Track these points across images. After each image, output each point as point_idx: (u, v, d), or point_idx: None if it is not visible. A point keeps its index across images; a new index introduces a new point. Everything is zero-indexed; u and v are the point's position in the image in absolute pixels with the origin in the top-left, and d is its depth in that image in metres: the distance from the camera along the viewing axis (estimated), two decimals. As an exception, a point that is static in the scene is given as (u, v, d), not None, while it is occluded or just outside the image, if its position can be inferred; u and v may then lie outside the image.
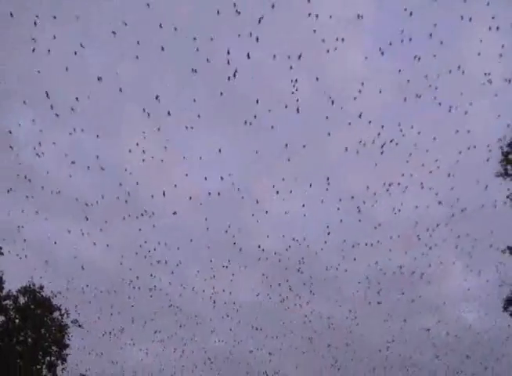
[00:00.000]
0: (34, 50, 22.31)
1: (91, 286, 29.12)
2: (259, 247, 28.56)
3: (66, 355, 29.40)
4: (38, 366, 28.94)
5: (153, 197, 26.80)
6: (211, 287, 29.88)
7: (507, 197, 25.85)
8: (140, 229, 28.31)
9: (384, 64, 29.32)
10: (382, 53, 23.34)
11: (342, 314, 31.14)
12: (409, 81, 24.49)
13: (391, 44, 22.99)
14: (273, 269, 29.79)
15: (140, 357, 31.88)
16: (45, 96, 22.80)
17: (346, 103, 25.53)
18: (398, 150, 26.24)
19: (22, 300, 29.42)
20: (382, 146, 25.68)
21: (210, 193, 27.56)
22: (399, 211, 27.25)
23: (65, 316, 29.67)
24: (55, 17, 22.05)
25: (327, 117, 25.39)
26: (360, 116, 25.12)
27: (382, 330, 31.87)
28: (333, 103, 24.47)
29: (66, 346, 29.46)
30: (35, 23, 21.71)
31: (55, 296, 29.68)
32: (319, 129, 29.51)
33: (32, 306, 29.27)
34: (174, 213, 27.38)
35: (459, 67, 23.45)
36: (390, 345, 31.44)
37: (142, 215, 28.66)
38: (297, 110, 24.65)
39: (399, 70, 24.77)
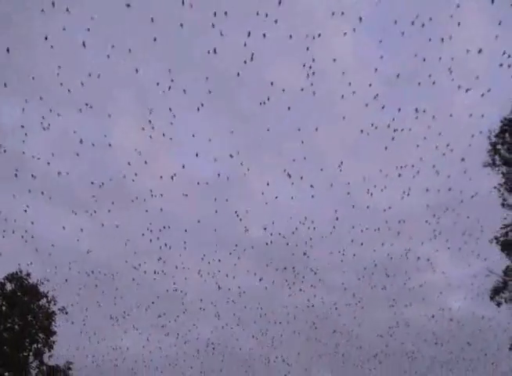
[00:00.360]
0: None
1: (78, 272, 28.99)
2: (265, 229, 28.29)
3: (53, 342, 29.33)
4: (25, 354, 28.86)
5: (144, 183, 26.67)
6: (206, 273, 29.79)
7: (494, 187, 26.13)
8: (130, 216, 28.24)
9: (401, 46, 29.04)
10: (402, 33, 22.87)
11: (328, 304, 31.31)
12: (424, 59, 24.03)
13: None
14: (277, 254, 29.81)
15: (127, 345, 31.88)
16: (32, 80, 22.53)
17: (361, 85, 25.38)
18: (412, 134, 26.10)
19: (9, 287, 29.35)
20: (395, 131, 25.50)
21: (219, 175, 27.13)
22: (408, 195, 27.15)
23: (52, 303, 29.65)
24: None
25: (343, 97, 25.20)
26: (376, 97, 24.74)
27: (366, 319, 32.16)
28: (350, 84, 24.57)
29: (53, 333, 29.36)
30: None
31: (42, 283, 29.66)
32: (332, 112, 29.50)
33: (19, 293, 29.18)
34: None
35: (480, 51, 22.92)
36: (391, 331, 31.54)
37: (132, 201, 28.67)
38: (314, 93, 24.50)
39: (415, 55, 24.46)
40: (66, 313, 29.50)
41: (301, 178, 26.81)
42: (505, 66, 22.84)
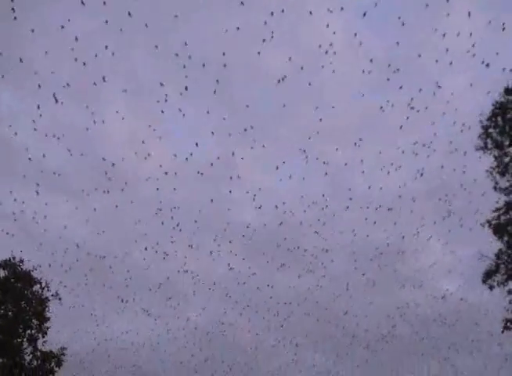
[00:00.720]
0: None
1: (72, 260, 29.05)
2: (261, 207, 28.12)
3: (47, 328, 29.36)
4: (19, 340, 28.88)
5: (132, 170, 26.65)
6: (193, 261, 29.90)
7: (486, 170, 26.14)
8: (119, 203, 28.22)
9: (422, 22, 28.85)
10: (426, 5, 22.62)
11: (317, 288, 31.37)
12: (444, 35, 23.90)
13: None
14: (262, 241, 29.89)
15: (121, 331, 31.98)
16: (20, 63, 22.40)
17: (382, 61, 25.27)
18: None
19: (2, 273, 29.32)
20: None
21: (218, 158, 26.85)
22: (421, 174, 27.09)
23: (45, 289, 29.66)
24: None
25: (363, 71, 25.09)
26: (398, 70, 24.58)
27: (366, 303, 32.23)
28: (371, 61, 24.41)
29: (47, 319, 29.40)
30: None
31: (36, 270, 29.65)
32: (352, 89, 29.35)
33: (12, 280, 29.17)
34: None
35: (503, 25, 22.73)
36: (374, 318, 31.76)
37: (122, 190, 28.66)
38: (333, 71, 24.40)
39: (435, 29, 24.29)
40: (60, 299, 29.60)
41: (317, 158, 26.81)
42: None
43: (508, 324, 25.84)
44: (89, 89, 26.50)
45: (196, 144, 26.75)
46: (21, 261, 29.63)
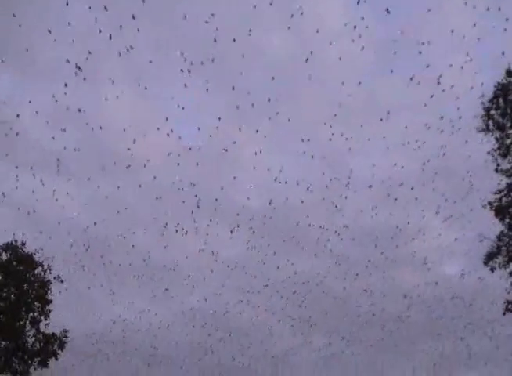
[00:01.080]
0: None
1: (73, 242, 29.10)
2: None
3: (49, 311, 29.54)
4: (21, 322, 29.07)
5: (130, 149, 26.57)
6: (193, 243, 29.93)
7: (488, 152, 26.13)
8: (124, 185, 28.26)
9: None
10: None
11: (324, 270, 31.44)
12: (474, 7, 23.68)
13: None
14: (261, 224, 29.86)
15: (122, 313, 32.08)
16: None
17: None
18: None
19: (4, 256, 29.46)
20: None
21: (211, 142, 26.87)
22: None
23: (47, 271, 29.77)
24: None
25: (395, 41, 25.09)
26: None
27: (363, 285, 32.28)
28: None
29: (49, 302, 29.58)
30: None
31: (38, 252, 29.76)
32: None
33: (14, 262, 29.31)
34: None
35: None
36: (371, 300, 31.83)
37: (124, 173, 28.72)
38: (362, 47, 24.29)
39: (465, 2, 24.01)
40: (62, 282, 29.73)
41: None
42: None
43: (509, 306, 25.92)
44: (92, 71, 26.42)
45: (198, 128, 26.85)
46: (23, 244, 29.80)
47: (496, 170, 25.68)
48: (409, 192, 28.32)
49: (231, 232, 29.50)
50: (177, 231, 28.59)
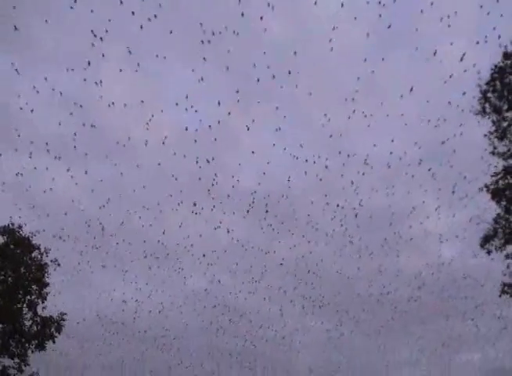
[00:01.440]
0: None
1: (70, 225, 29.10)
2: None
3: (46, 293, 29.52)
4: (19, 305, 29.04)
5: (129, 135, 26.58)
6: (190, 227, 29.92)
7: (484, 135, 26.15)
8: (121, 168, 28.21)
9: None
10: None
11: (322, 253, 31.46)
12: None
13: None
14: (256, 208, 29.87)
15: (120, 297, 32.11)
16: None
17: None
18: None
19: (1, 239, 29.36)
20: None
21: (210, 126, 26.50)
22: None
23: (44, 255, 29.74)
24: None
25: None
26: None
27: (362, 268, 32.32)
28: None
29: (46, 285, 29.56)
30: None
31: (35, 235, 29.70)
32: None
33: (11, 246, 29.23)
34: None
35: None
36: (370, 283, 31.85)
37: (123, 156, 28.69)
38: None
39: None
40: (59, 265, 29.71)
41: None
42: None
43: (506, 288, 26.01)
44: (90, 55, 26.42)
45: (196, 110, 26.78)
46: (20, 227, 29.72)
47: (493, 153, 25.76)
48: (425, 171, 28.29)
49: (247, 211, 29.40)
50: (175, 213, 28.57)
